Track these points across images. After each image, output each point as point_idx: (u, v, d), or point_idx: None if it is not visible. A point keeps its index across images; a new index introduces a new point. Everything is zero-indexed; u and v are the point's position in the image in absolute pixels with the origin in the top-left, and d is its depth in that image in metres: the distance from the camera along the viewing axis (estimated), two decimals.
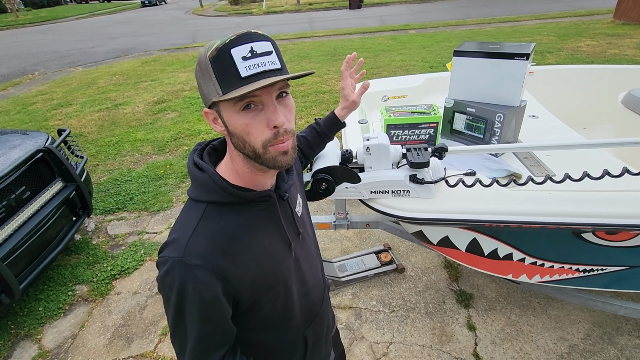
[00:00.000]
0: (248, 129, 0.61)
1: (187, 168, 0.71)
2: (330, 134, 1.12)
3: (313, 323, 0.89)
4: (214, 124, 0.65)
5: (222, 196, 0.67)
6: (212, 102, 0.61)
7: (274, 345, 0.83)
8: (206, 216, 0.66)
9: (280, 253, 0.76)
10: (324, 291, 0.97)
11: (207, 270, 0.63)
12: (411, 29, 10.92)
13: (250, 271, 0.69)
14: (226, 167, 0.71)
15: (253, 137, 0.61)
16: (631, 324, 1.95)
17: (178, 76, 7.51)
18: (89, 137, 4.87)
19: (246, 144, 0.62)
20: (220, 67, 0.58)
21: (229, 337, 0.72)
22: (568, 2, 14.08)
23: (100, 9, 28.59)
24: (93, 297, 2.43)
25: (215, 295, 0.64)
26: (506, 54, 1.51)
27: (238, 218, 0.68)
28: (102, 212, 3.28)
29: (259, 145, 0.62)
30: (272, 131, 0.61)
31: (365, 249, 2.59)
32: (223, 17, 18.84)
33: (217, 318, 0.67)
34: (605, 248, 1.32)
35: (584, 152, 1.59)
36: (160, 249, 0.68)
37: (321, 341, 0.95)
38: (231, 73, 0.58)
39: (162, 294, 0.67)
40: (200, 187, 0.68)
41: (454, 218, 1.23)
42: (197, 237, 0.64)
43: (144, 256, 2.74)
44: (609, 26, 8.96)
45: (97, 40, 13.59)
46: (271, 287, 0.74)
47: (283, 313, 0.79)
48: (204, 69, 0.60)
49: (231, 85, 0.58)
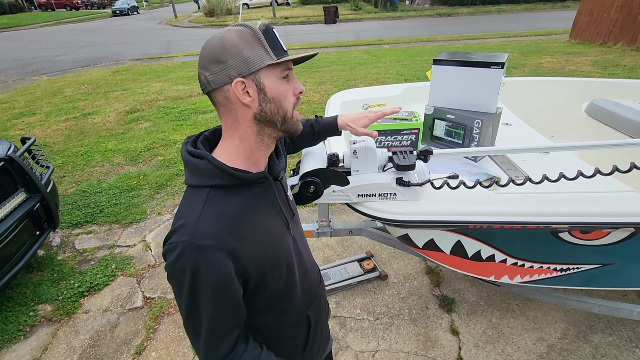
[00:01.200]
0: (287, 93, 0.71)
1: (182, 158, 0.74)
2: (324, 136, 1.15)
3: (313, 302, 0.92)
4: (242, 95, 0.68)
5: (223, 179, 0.69)
6: (254, 71, 0.67)
7: (278, 328, 0.84)
8: (210, 199, 0.68)
9: (280, 232, 0.79)
10: (319, 272, 1.03)
11: (218, 250, 0.64)
12: (385, 44, 11.28)
13: (256, 250, 0.71)
14: (224, 151, 0.74)
15: (287, 101, 0.72)
16: (603, 322, 2.04)
17: (152, 86, 7.32)
18: (55, 148, 4.62)
19: (280, 108, 0.71)
20: (270, 39, 0.68)
21: (241, 320, 0.73)
22: (527, 22, 15.09)
23: (67, 17, 27.51)
24: (58, 316, 2.25)
25: (228, 275, 0.66)
26: (483, 62, 1.58)
27: (240, 199, 0.71)
28: (69, 226, 3.09)
29: (290, 108, 0.73)
30: (296, 97, 0.74)
31: (348, 257, 2.57)
32: (198, 28, 18.69)
33: (230, 299, 0.68)
34: (581, 247, 1.38)
35: (555, 157, 1.67)
36: (167, 237, 0.68)
37: (321, 322, 0.99)
38: (278, 45, 0.69)
39: (173, 282, 0.67)
40: (199, 173, 0.70)
41: (440, 220, 1.24)
42: (205, 218, 0.66)
43: (115, 271, 2.59)
44: (565, 45, 9.64)
45: (64, 49, 13.06)
46: (275, 266, 0.76)
47: (286, 292, 0.82)
48: (252, 39, 0.67)
49: (280, 53, 0.69)
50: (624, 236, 1.34)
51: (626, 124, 1.92)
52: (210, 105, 5.54)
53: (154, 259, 2.71)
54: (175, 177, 3.80)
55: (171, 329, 2.14)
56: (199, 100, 6.20)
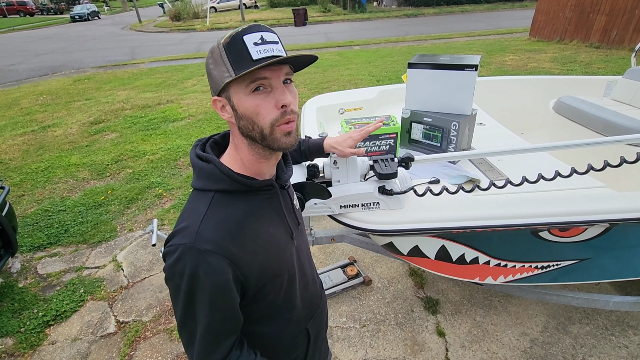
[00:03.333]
0: (258, 109, 0.64)
1: (190, 162, 0.74)
2: (310, 156, 1.14)
3: (314, 316, 0.91)
4: (221, 112, 0.68)
5: (228, 184, 0.69)
6: (222, 88, 0.65)
7: (276, 339, 0.83)
8: (214, 204, 0.68)
9: (284, 242, 0.78)
10: (321, 284, 1.01)
11: (218, 256, 0.64)
12: (355, 45, 11.39)
13: (258, 258, 0.70)
14: (230, 157, 0.73)
15: (262, 117, 0.65)
16: (580, 313, 2.10)
17: (117, 94, 7.00)
18: (11, 164, 4.30)
19: (255, 125, 0.65)
20: (233, 51, 0.62)
21: (237, 326, 0.72)
22: (489, 21, 15.71)
23: (21, 24, 25.89)
24: (21, 350, 2.07)
25: (226, 281, 0.65)
26: (457, 65, 1.58)
27: (244, 205, 0.71)
28: (30, 249, 2.86)
29: (267, 125, 0.65)
30: (279, 111, 0.65)
31: (331, 264, 2.53)
32: (164, 33, 18.14)
33: (226, 305, 0.67)
34: (560, 244, 1.41)
35: (529, 155, 1.71)
36: (168, 239, 0.68)
37: (321, 336, 0.97)
38: (244, 56, 0.62)
39: (171, 284, 0.66)
40: (206, 177, 0.70)
41: (424, 227, 1.22)
42: (207, 223, 0.65)
43: (84, 295, 2.42)
44: (526, 43, 10.10)
45: (18, 57, 12.29)
46: (276, 275, 0.75)
47: (286, 303, 0.80)
48: (217, 56, 0.64)
49: (244, 67, 0.62)
50: (599, 232, 1.37)
51: (592, 120, 2.00)
52: (181, 113, 5.34)
53: (127, 279, 2.56)
54: (147, 190, 3.62)
55: (148, 354, 2.02)
56: (169, 108, 5.98)
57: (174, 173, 3.92)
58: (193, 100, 6.34)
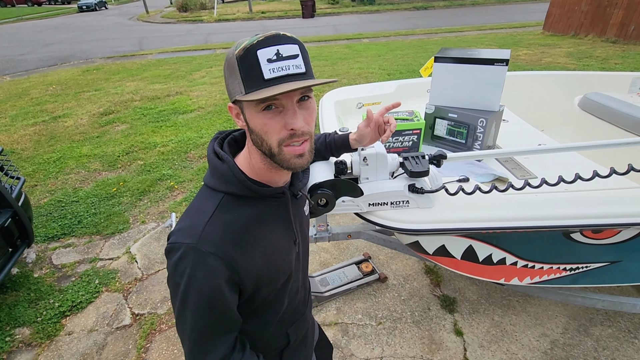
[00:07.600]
0: (266, 128, 0.63)
1: (207, 156, 0.73)
2: (336, 153, 1.09)
3: (297, 322, 0.91)
4: (236, 119, 0.68)
5: (239, 189, 0.69)
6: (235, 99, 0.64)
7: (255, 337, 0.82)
8: (222, 206, 0.68)
9: (286, 248, 0.78)
10: (309, 294, 1.01)
11: (218, 259, 0.64)
12: (364, 38, 11.23)
13: (256, 264, 0.70)
14: (244, 160, 0.72)
15: (270, 135, 0.63)
16: (602, 315, 2.06)
17: (126, 85, 6.99)
18: (24, 154, 4.31)
19: (264, 142, 0.64)
20: (246, 67, 0.60)
21: (233, 326, 0.73)
22: (501, 15, 15.40)
23: (29, 13, 25.85)
24: (38, 340, 2.08)
25: (223, 284, 0.66)
26: (486, 59, 1.53)
27: (251, 211, 0.70)
28: (45, 240, 2.88)
29: (274, 144, 0.64)
30: (288, 132, 0.63)
31: (345, 260, 2.51)
32: (171, 24, 18.04)
33: (222, 306, 0.68)
34: (591, 246, 1.36)
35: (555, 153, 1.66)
36: (171, 234, 0.68)
37: (307, 346, 0.97)
38: (255, 74, 0.59)
39: (172, 282, 0.67)
40: (218, 176, 0.70)
41: (455, 227, 1.19)
42: (212, 225, 0.66)
43: (99, 287, 2.43)
44: (540, 37, 9.89)
45: (27, 47, 12.30)
46: (273, 279, 0.76)
47: (274, 304, 0.81)
48: (231, 67, 0.62)
49: (254, 85, 0.60)
50: (633, 234, 1.33)
51: (622, 117, 1.93)
52: (191, 105, 5.30)
53: (141, 271, 2.56)
54: (158, 182, 3.62)
55: (164, 347, 2.02)
56: (178, 99, 5.95)
57: (185, 165, 3.91)
58: (202, 92, 6.31)
